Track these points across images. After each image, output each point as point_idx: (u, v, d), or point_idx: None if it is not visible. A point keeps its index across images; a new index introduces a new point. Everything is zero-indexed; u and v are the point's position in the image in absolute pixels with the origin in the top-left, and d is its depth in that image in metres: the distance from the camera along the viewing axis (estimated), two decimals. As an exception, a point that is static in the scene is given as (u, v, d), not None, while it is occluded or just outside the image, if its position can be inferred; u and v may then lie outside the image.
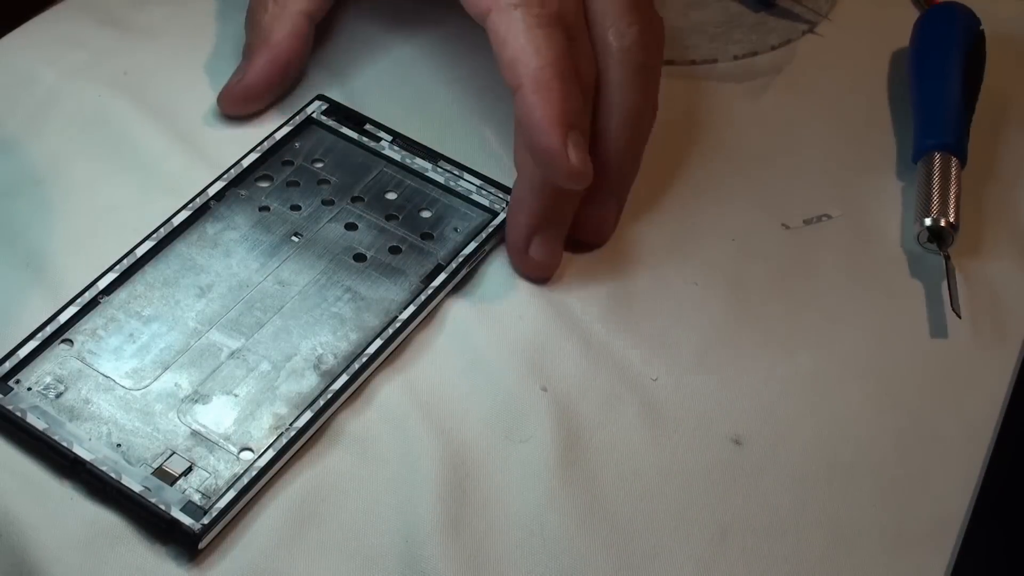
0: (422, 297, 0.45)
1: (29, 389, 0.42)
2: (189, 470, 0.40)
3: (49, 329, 0.43)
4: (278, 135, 0.50)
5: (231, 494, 0.39)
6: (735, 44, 0.56)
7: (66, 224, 0.47)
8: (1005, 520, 0.43)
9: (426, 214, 0.48)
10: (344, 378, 0.42)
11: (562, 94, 0.43)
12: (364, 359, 0.43)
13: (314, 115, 0.51)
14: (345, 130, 0.50)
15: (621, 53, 0.46)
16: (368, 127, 0.51)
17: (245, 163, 0.48)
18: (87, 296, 0.44)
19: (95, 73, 0.53)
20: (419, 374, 0.44)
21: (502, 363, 0.44)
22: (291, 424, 0.41)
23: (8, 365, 0.42)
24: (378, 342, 0.44)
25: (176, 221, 0.46)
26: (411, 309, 0.45)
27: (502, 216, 0.48)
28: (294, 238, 0.47)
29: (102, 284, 0.44)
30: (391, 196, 0.48)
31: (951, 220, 0.49)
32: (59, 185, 0.48)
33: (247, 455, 0.41)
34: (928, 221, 0.49)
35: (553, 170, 0.43)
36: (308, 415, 0.41)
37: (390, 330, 0.44)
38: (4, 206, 0.48)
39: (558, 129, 0.42)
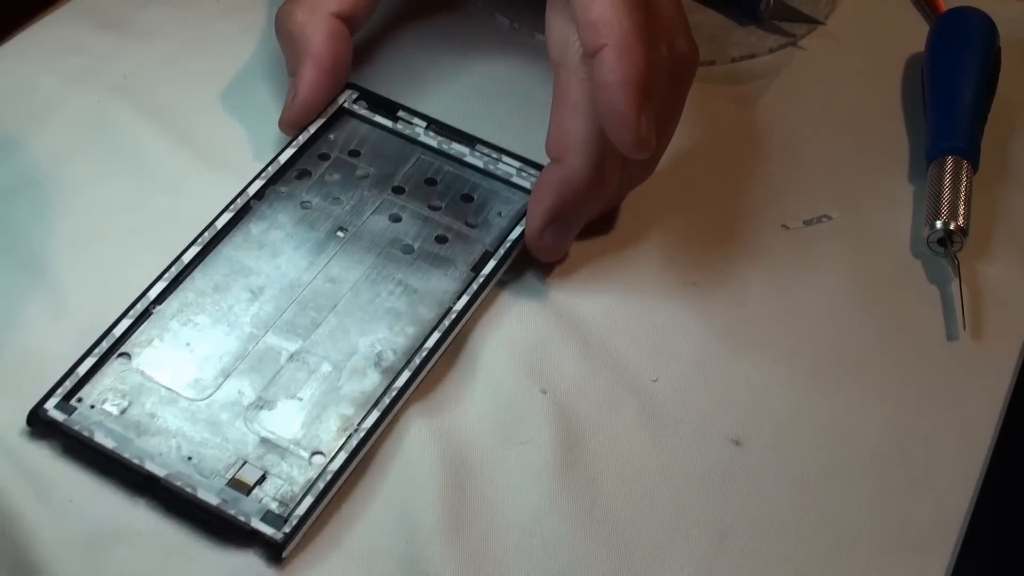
0: (474, 286, 0.45)
1: (92, 407, 0.41)
2: (263, 479, 0.40)
3: (105, 344, 0.42)
4: (312, 128, 0.49)
5: (308, 500, 0.39)
6: (733, 46, 0.56)
7: (65, 226, 0.47)
8: (1005, 520, 0.42)
9: (468, 200, 0.48)
10: (407, 374, 0.42)
11: (645, 61, 0.42)
12: (424, 353, 0.43)
13: (346, 105, 0.50)
14: (379, 118, 0.50)
15: (669, 61, 0.45)
16: (402, 114, 0.50)
17: (282, 159, 0.48)
18: (139, 308, 0.43)
19: (95, 78, 0.52)
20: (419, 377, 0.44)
21: (501, 365, 0.44)
22: (359, 425, 0.41)
23: (68, 384, 0.41)
24: (436, 335, 0.43)
25: (219, 224, 0.46)
26: (464, 299, 0.44)
27: None
28: (339, 233, 0.46)
29: (152, 294, 0.43)
30: (432, 184, 0.48)
31: (961, 224, 0.49)
32: (58, 187, 0.48)
33: (319, 459, 0.40)
34: (938, 224, 0.49)
35: (622, 135, 0.42)
36: (375, 415, 0.41)
37: (446, 322, 0.44)
38: (3, 208, 0.48)
39: (637, 95, 0.42)
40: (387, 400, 0.41)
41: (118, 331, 0.43)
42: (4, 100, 0.51)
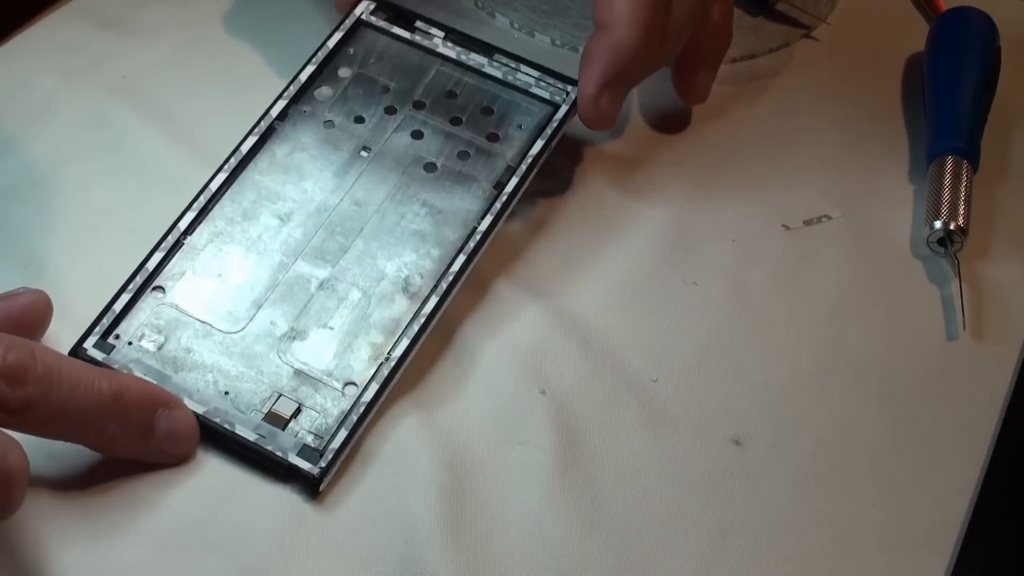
0: (497, 205, 0.46)
1: (129, 343, 0.42)
2: (298, 411, 0.41)
3: (139, 279, 0.43)
4: (331, 43, 0.49)
5: (343, 433, 0.40)
6: (733, 46, 0.56)
7: (65, 226, 0.47)
8: (1005, 520, 0.42)
9: (489, 114, 0.48)
10: (434, 300, 0.43)
11: None
12: (451, 277, 0.44)
13: (363, 16, 0.51)
14: (397, 30, 0.50)
15: None
16: (419, 24, 0.51)
17: (303, 77, 0.48)
18: (170, 239, 0.44)
19: (94, 78, 0.52)
20: (418, 377, 0.44)
21: (500, 366, 0.44)
22: (389, 354, 0.42)
23: (106, 321, 0.42)
24: (461, 258, 0.44)
25: (244, 148, 0.46)
26: (488, 219, 0.45)
27: (564, 109, 0.48)
28: (363, 152, 0.47)
29: (183, 224, 0.44)
30: (452, 97, 0.49)
31: (960, 224, 0.49)
32: (58, 187, 0.48)
33: (352, 390, 0.41)
34: (938, 224, 0.49)
35: None
36: (405, 343, 0.42)
37: (471, 244, 0.44)
38: (2, 208, 0.48)
39: None
40: (415, 327, 0.42)
41: (151, 264, 0.43)
42: (4, 100, 0.51)
